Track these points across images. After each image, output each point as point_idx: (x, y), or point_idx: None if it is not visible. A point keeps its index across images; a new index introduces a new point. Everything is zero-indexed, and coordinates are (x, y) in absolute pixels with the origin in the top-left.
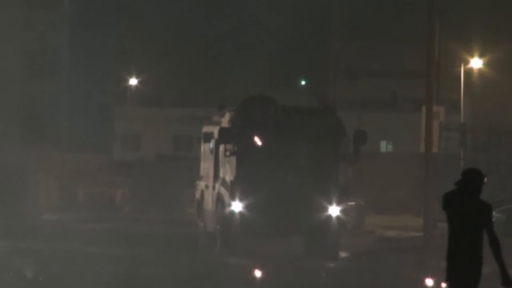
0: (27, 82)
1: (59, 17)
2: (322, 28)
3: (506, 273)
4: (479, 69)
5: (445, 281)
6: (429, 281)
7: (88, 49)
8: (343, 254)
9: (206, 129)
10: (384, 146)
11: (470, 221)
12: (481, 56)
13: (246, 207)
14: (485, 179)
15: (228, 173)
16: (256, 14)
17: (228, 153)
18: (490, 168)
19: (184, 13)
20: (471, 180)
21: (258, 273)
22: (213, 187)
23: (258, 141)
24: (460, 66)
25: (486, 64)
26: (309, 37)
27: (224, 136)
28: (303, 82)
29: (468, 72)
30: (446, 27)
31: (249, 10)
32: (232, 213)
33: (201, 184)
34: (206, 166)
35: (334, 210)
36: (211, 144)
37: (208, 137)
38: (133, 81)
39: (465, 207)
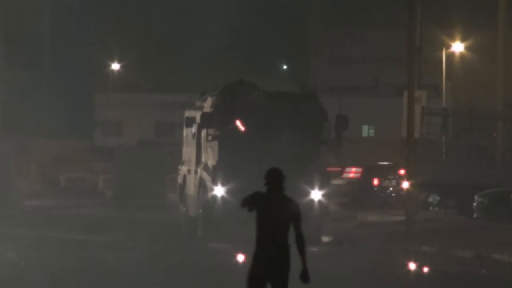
0: (7, 68)
1: (39, 3)
2: (303, 13)
3: (307, 269)
4: (461, 54)
5: (251, 273)
6: (411, 266)
7: (69, 35)
8: (325, 239)
9: (188, 114)
10: (366, 131)
11: (281, 218)
12: (462, 40)
13: (228, 191)
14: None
15: (210, 158)
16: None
17: (210, 137)
18: (471, 153)
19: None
20: (279, 179)
21: (240, 258)
22: (195, 172)
23: (240, 126)
24: (441, 51)
25: (467, 49)
26: (290, 23)
27: (206, 121)
28: (284, 67)
29: (450, 57)
30: (427, 12)
31: None
32: (214, 197)
33: (183, 169)
34: (188, 151)
35: (316, 195)
36: (193, 129)
37: (190, 122)
38: (114, 66)
39: (277, 206)
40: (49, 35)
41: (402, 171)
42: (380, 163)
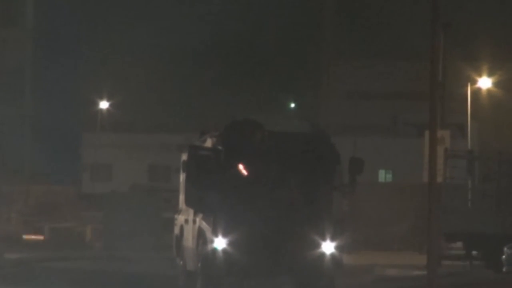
0: None
1: (22, 35)
2: (314, 45)
3: None
4: (488, 90)
5: None
6: None
7: (54, 70)
8: None
9: (185, 157)
10: (383, 176)
11: None
12: (490, 75)
13: (230, 243)
14: None
15: None
16: (241, 31)
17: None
18: (501, 200)
19: (161, 31)
20: None
21: None
22: (194, 222)
23: (243, 170)
24: (467, 86)
25: (495, 84)
26: (299, 56)
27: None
28: (292, 105)
29: (476, 93)
30: (451, 44)
31: (234, 27)
32: (214, 250)
33: (180, 219)
34: None
35: (328, 247)
36: None
37: None
38: (104, 105)
39: None
40: (33, 69)
41: None
42: None
